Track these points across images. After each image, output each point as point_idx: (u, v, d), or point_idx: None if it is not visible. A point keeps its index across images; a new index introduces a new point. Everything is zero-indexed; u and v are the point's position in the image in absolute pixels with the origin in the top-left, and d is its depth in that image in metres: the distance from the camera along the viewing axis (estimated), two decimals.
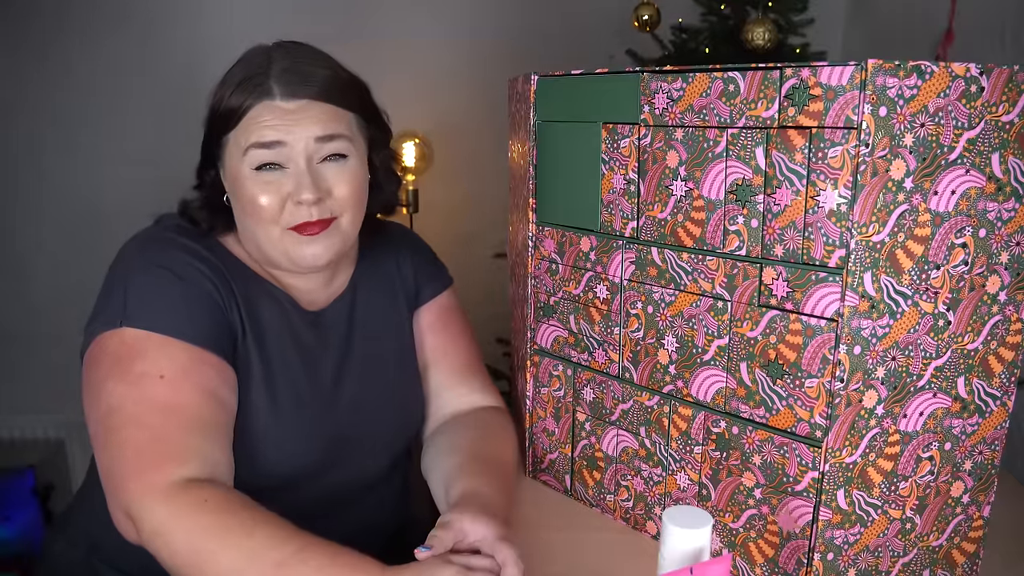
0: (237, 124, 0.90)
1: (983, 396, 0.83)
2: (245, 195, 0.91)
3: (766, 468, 0.83)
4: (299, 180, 0.90)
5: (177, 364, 0.85)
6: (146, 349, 0.85)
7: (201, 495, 0.78)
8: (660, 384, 0.93)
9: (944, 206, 0.75)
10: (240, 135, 0.90)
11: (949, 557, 0.88)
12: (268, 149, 0.89)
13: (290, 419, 0.93)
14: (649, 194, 0.90)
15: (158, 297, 0.87)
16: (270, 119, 0.89)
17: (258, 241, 0.94)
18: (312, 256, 0.93)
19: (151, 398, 0.83)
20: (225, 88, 0.92)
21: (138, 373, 0.84)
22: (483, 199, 2.86)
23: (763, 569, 0.86)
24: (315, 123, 0.91)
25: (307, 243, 0.92)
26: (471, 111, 2.82)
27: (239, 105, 0.90)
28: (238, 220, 0.96)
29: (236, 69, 0.93)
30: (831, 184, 0.73)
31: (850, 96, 0.70)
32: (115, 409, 0.83)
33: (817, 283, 0.76)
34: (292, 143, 0.90)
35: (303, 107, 0.91)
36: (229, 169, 0.93)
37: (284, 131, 0.89)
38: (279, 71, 0.91)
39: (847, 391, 0.76)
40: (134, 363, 0.84)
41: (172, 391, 0.83)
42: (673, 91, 0.85)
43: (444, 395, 1.10)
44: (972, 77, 0.73)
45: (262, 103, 0.90)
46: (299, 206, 0.91)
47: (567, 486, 1.10)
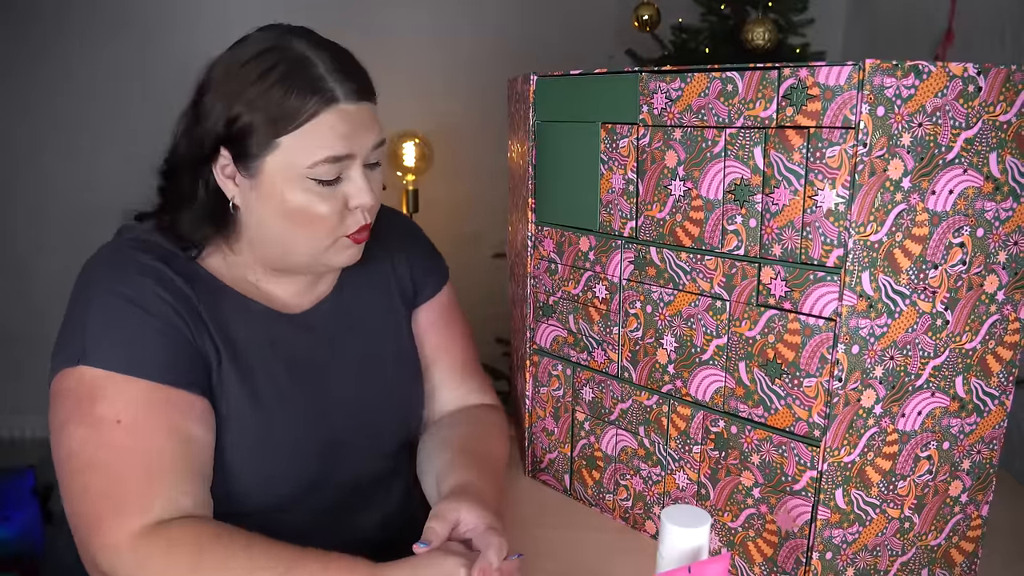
0: (295, 130, 0.83)
1: (981, 395, 0.83)
2: (295, 202, 0.85)
3: (765, 467, 0.83)
4: (358, 186, 0.87)
5: (136, 405, 0.81)
6: (104, 390, 0.81)
7: (168, 537, 0.76)
8: (659, 384, 0.93)
9: (942, 206, 0.75)
10: (302, 143, 0.84)
11: (947, 556, 0.88)
12: (339, 163, 0.85)
13: (282, 429, 0.90)
14: (648, 194, 0.90)
15: (118, 332, 0.83)
16: (342, 128, 0.84)
17: (291, 249, 0.89)
18: (349, 260, 0.91)
19: (109, 443, 0.80)
20: (265, 77, 0.83)
21: (97, 416, 0.80)
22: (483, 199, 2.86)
23: (762, 568, 0.86)
24: (373, 129, 0.88)
25: (349, 248, 0.90)
26: (471, 111, 2.82)
27: (300, 109, 0.83)
28: (260, 228, 0.89)
29: (266, 54, 0.84)
30: (829, 184, 0.73)
31: (848, 96, 0.71)
32: (75, 453, 0.80)
33: (815, 283, 0.76)
34: (358, 153, 0.86)
35: (363, 110, 0.87)
36: (269, 174, 0.85)
37: (355, 143, 0.85)
38: (333, 68, 0.85)
39: (845, 390, 0.76)
40: (93, 405, 0.81)
41: (130, 435, 0.80)
42: (672, 91, 0.85)
43: (443, 394, 1.09)
44: (970, 77, 0.73)
45: (330, 109, 0.84)
46: (353, 212, 0.88)
47: (566, 485, 1.10)
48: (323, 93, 0.83)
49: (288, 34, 0.87)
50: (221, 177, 0.88)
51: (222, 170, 0.87)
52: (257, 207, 0.88)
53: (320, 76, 0.84)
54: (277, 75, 0.83)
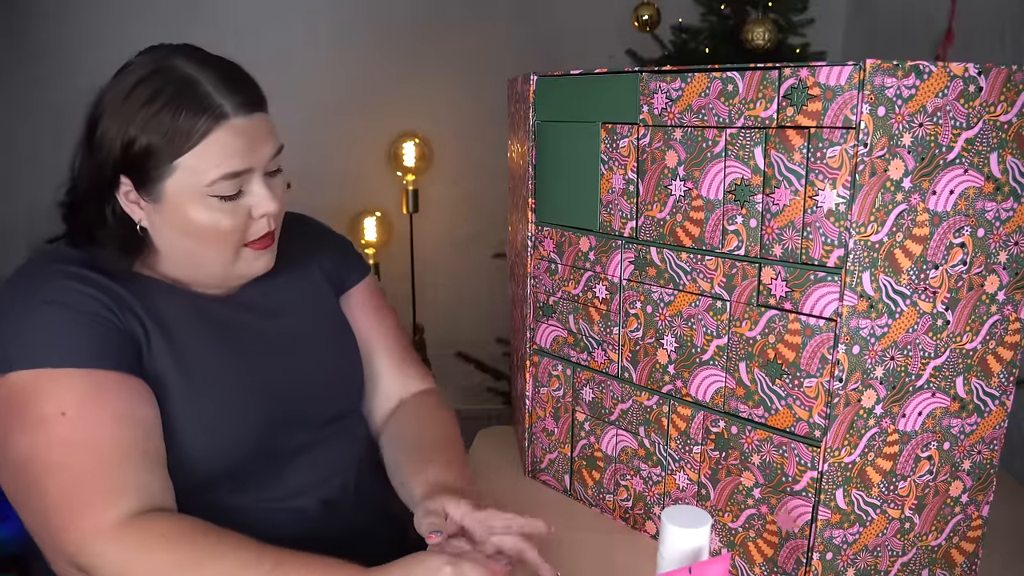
0: (189, 150, 0.84)
1: (982, 396, 0.83)
2: (199, 221, 0.87)
3: (765, 468, 0.83)
4: (260, 195, 0.89)
5: (77, 395, 0.79)
6: (40, 389, 0.79)
7: (153, 530, 0.76)
8: (659, 384, 0.93)
9: (942, 206, 0.75)
10: (198, 162, 0.84)
11: (948, 556, 0.88)
12: (238, 177, 0.86)
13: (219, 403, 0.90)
14: (648, 194, 0.90)
15: (43, 332, 0.81)
16: (236, 143, 0.85)
17: (199, 263, 0.91)
18: (261, 269, 0.94)
19: (60, 439, 0.78)
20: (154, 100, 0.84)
21: (37, 417, 0.78)
22: (483, 199, 2.86)
23: (762, 569, 0.86)
24: (269, 140, 0.89)
25: (257, 258, 0.92)
26: (471, 111, 2.82)
27: (191, 129, 0.83)
28: (170, 247, 0.90)
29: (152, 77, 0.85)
30: (830, 184, 0.73)
31: (848, 96, 0.71)
32: (27, 461, 0.78)
33: (816, 283, 0.76)
34: (256, 166, 0.88)
35: (256, 122, 0.87)
36: (170, 195, 0.86)
37: (252, 156, 0.87)
38: (219, 83, 0.85)
39: (846, 391, 0.76)
40: (30, 407, 0.79)
41: (79, 425, 0.78)
42: (672, 91, 0.85)
43: (386, 384, 1.11)
44: (970, 77, 0.73)
45: (222, 125, 0.84)
46: (256, 221, 0.90)
47: (566, 486, 1.10)
48: (212, 110, 0.84)
49: (171, 55, 0.88)
50: (126, 203, 0.88)
51: (125, 196, 0.88)
52: (164, 229, 0.89)
53: (207, 94, 0.84)
54: (165, 97, 0.84)
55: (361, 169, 2.87)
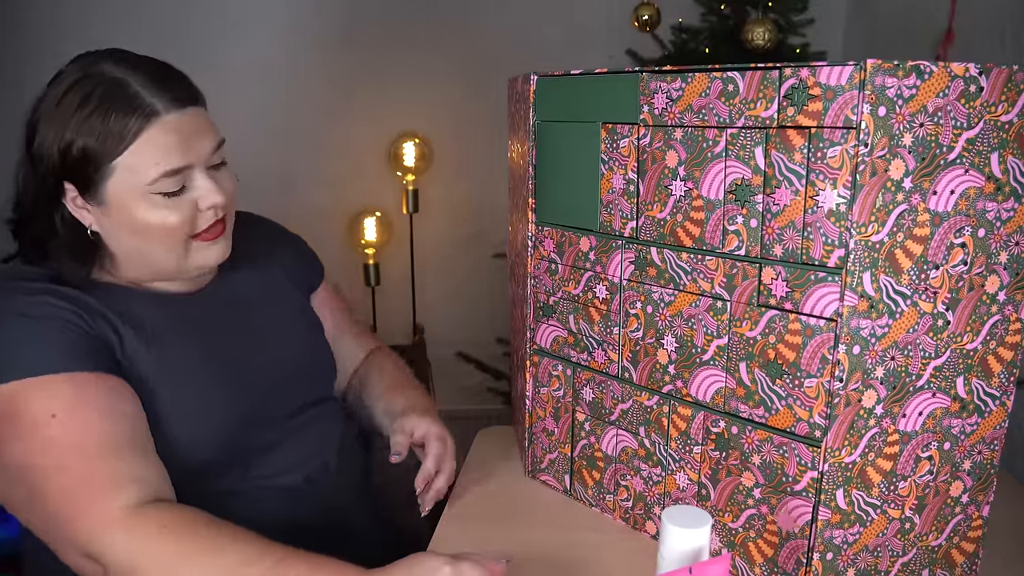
0: (125, 150, 0.85)
1: (982, 396, 0.83)
2: (146, 219, 0.88)
3: (765, 468, 0.83)
4: (205, 188, 0.90)
5: (64, 398, 0.81)
6: (27, 397, 0.81)
7: (159, 520, 0.77)
8: (659, 384, 0.93)
9: (943, 206, 0.75)
10: (135, 160, 0.86)
11: (948, 557, 0.88)
12: (178, 175, 0.88)
13: (198, 395, 0.92)
14: (648, 194, 0.90)
15: (17, 344, 0.83)
16: (171, 140, 0.87)
17: (152, 260, 0.92)
18: (216, 259, 0.95)
19: (55, 442, 0.79)
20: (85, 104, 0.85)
21: (29, 425, 0.80)
22: (483, 199, 2.86)
23: (762, 569, 0.86)
24: (208, 134, 0.91)
25: (209, 247, 0.94)
26: (471, 111, 2.82)
27: (123, 129, 0.85)
28: (121, 249, 0.92)
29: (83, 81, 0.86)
30: (830, 184, 0.73)
31: (849, 96, 0.70)
32: (25, 468, 0.80)
33: (816, 283, 0.76)
34: (196, 162, 0.89)
35: (191, 117, 0.89)
36: (114, 197, 0.87)
37: (189, 153, 0.88)
38: (148, 82, 0.87)
39: (846, 391, 0.76)
40: (21, 415, 0.80)
41: (72, 426, 0.80)
42: (672, 91, 0.85)
43: (351, 351, 1.24)
44: (971, 77, 0.73)
45: (154, 123, 0.86)
46: (203, 213, 0.92)
47: (567, 486, 1.10)
48: (142, 109, 0.85)
49: (98, 60, 0.89)
50: (74, 208, 0.89)
51: (72, 202, 0.89)
52: (113, 230, 0.90)
53: (136, 93, 0.86)
54: (95, 100, 0.85)
55: (361, 169, 2.87)
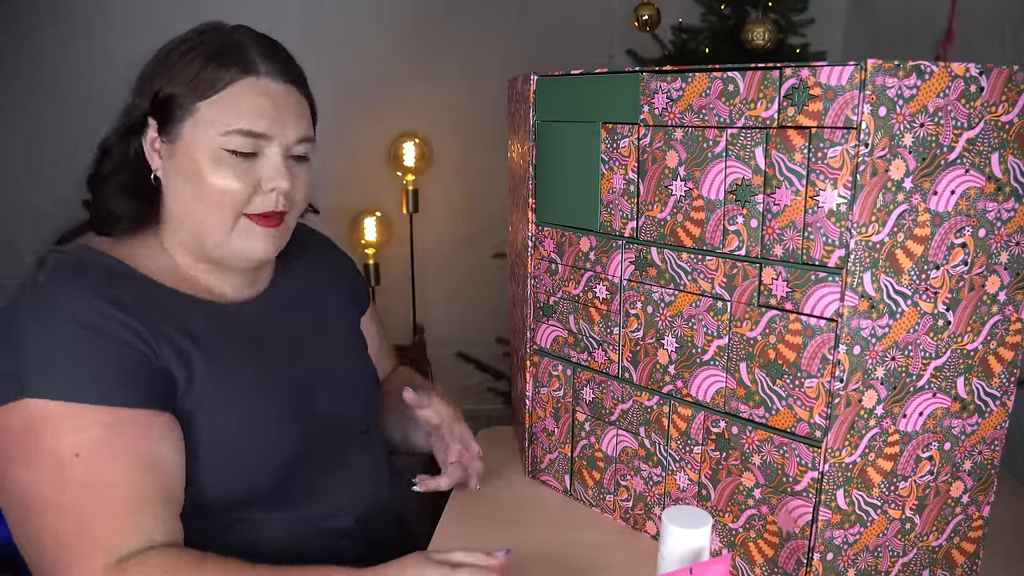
0: (213, 95, 0.84)
1: (983, 396, 0.83)
2: (208, 175, 0.85)
3: (766, 468, 0.83)
4: (274, 165, 0.87)
5: (93, 436, 0.75)
6: (55, 424, 0.74)
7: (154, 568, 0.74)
8: (660, 384, 0.93)
9: (944, 206, 0.75)
10: (218, 110, 0.84)
11: (949, 557, 0.88)
12: (255, 139, 0.85)
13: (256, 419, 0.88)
14: (649, 194, 0.90)
15: (62, 358, 0.76)
16: (260, 102, 0.85)
17: (202, 229, 0.88)
18: (262, 251, 0.90)
19: (68, 481, 0.74)
20: (192, 51, 0.85)
21: (49, 453, 0.74)
22: (483, 199, 2.86)
23: (763, 569, 0.86)
24: (299, 120, 0.88)
25: (261, 237, 0.89)
26: (471, 111, 2.82)
27: (218, 76, 0.84)
28: (176, 204, 0.88)
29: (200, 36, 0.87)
30: (831, 184, 0.73)
31: (849, 96, 0.70)
32: (29, 497, 0.74)
33: (817, 283, 0.76)
34: (277, 139, 0.86)
35: (288, 94, 0.88)
36: (187, 138, 0.85)
37: (274, 124, 0.86)
38: (260, 49, 0.87)
39: (847, 391, 0.76)
40: (42, 442, 0.74)
41: (92, 469, 0.74)
42: (672, 91, 0.85)
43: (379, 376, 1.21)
44: (972, 77, 0.73)
45: (248, 79, 0.85)
46: (267, 195, 0.87)
47: (567, 486, 1.10)
48: (243, 64, 0.85)
49: (224, 25, 0.90)
50: (149, 149, 0.88)
51: (151, 144, 0.88)
52: (175, 178, 0.87)
53: (245, 51, 0.86)
54: (203, 50, 0.85)
55: (361, 169, 2.87)
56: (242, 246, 0.89)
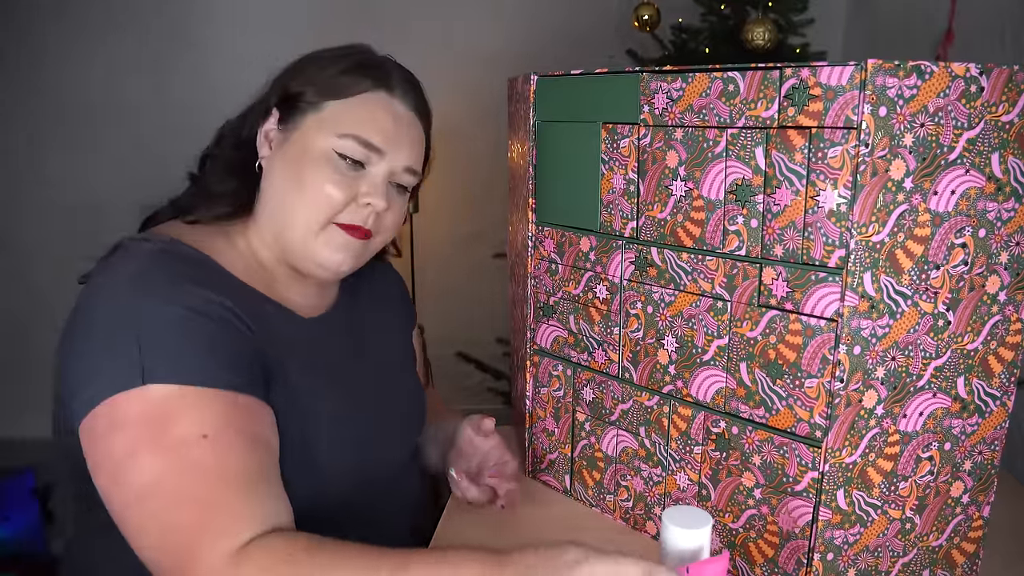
0: (343, 98, 0.88)
1: (983, 396, 0.83)
2: (312, 172, 0.86)
3: (766, 468, 0.83)
4: (375, 183, 0.88)
5: (219, 417, 0.75)
6: (181, 408, 0.74)
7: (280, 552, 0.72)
8: (660, 384, 0.93)
9: (944, 206, 0.75)
10: (342, 113, 0.88)
11: (949, 557, 0.88)
12: (367, 150, 0.87)
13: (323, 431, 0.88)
14: (649, 194, 0.90)
15: (181, 343, 0.76)
16: (383, 117, 0.89)
17: (290, 226, 0.88)
18: (338, 263, 0.89)
19: (197, 465, 0.73)
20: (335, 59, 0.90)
21: (177, 438, 0.73)
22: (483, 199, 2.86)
23: (763, 569, 0.86)
24: (413, 148, 0.92)
25: (342, 247, 0.89)
26: (471, 111, 2.82)
27: (352, 84, 0.88)
28: (273, 195, 0.89)
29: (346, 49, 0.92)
30: (831, 184, 0.73)
31: (850, 96, 0.70)
32: (154, 487, 0.73)
33: (817, 283, 0.76)
34: (388, 158, 0.89)
35: (411, 121, 0.92)
36: (303, 131, 0.88)
37: (389, 142, 0.88)
38: (401, 75, 0.92)
39: (847, 391, 0.76)
40: (169, 427, 0.73)
41: (219, 450, 0.74)
42: (673, 91, 0.85)
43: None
44: (972, 77, 0.73)
45: (380, 92, 0.89)
46: (361, 208, 0.88)
47: (567, 486, 1.10)
48: (380, 79, 0.89)
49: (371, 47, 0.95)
50: (263, 137, 0.91)
51: (266, 134, 0.91)
52: (278, 169, 0.89)
53: (385, 69, 0.91)
54: (345, 60, 0.90)
55: None
56: (322, 253, 0.89)
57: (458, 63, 2.82)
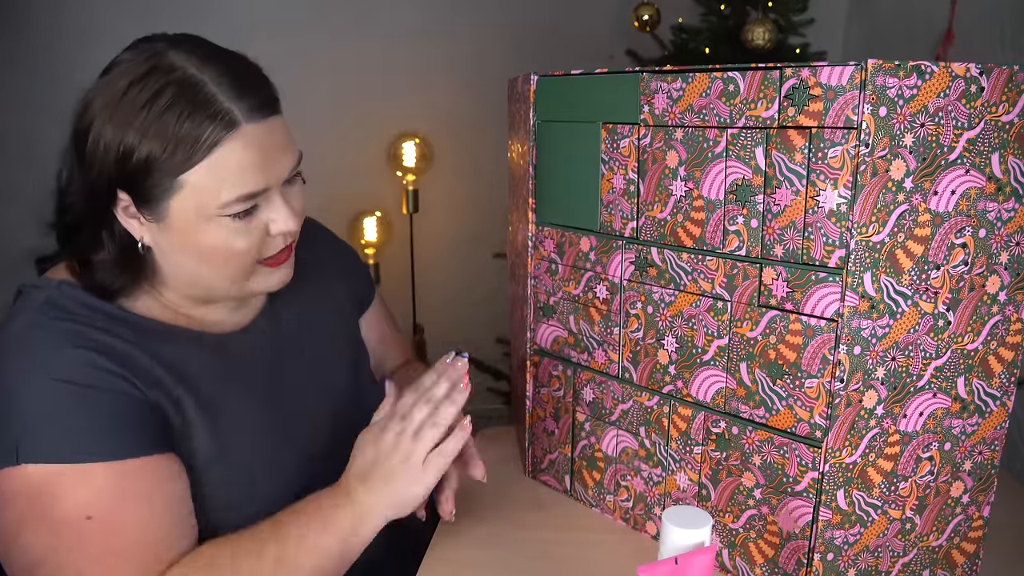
0: (195, 164, 0.74)
1: (983, 396, 0.83)
2: (210, 242, 0.78)
3: (766, 468, 0.83)
4: (279, 212, 0.81)
5: (104, 494, 0.72)
6: (61, 487, 0.70)
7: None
8: (660, 384, 0.93)
9: (944, 206, 0.75)
10: (206, 180, 0.75)
11: (949, 557, 0.88)
12: (253, 199, 0.78)
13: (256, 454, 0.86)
14: (649, 194, 0.90)
15: (56, 419, 0.72)
16: (250, 157, 0.76)
17: (206, 283, 0.83)
18: (277, 283, 0.86)
19: (82, 546, 0.71)
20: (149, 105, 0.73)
21: (59, 520, 0.71)
22: (483, 199, 2.86)
23: (763, 569, 0.86)
24: (288, 149, 0.80)
25: (272, 273, 0.85)
26: (471, 111, 2.82)
27: (196, 141, 0.73)
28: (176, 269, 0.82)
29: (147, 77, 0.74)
30: (831, 184, 0.73)
31: (850, 96, 0.70)
32: (43, 563, 0.71)
33: (817, 283, 0.76)
34: (274, 184, 0.80)
35: (271, 129, 0.78)
36: (176, 216, 0.77)
37: (269, 173, 0.78)
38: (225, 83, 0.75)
39: (847, 391, 0.76)
40: (52, 507, 0.70)
41: (106, 529, 0.72)
42: (673, 91, 0.85)
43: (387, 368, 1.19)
44: (972, 77, 0.73)
45: (232, 135, 0.75)
46: (274, 238, 0.82)
47: (567, 486, 1.10)
48: (220, 117, 0.74)
49: (167, 49, 0.76)
50: (124, 218, 0.79)
51: (124, 211, 0.79)
52: (169, 250, 0.81)
53: (212, 97, 0.74)
54: (165, 100, 0.73)
55: (361, 169, 2.87)
56: (257, 287, 0.86)
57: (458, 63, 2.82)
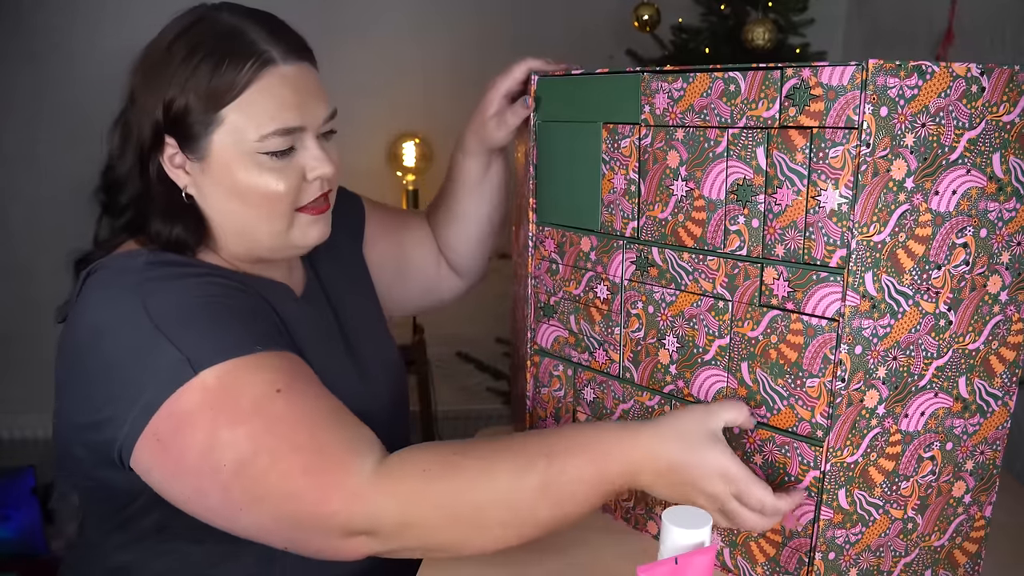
0: (235, 99, 0.79)
1: (984, 396, 0.83)
2: (249, 182, 0.82)
3: (767, 467, 0.83)
4: (315, 154, 0.84)
5: (284, 371, 0.75)
6: (241, 378, 0.73)
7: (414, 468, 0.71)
8: (661, 384, 0.93)
9: (945, 206, 0.75)
10: (246, 114, 0.80)
11: (951, 557, 0.88)
12: (290, 136, 0.82)
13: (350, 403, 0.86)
14: (650, 194, 0.90)
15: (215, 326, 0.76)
16: (286, 94, 0.81)
17: (257, 242, 0.87)
18: (317, 237, 0.89)
19: (284, 417, 0.72)
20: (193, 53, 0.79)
21: (251, 404, 0.72)
22: None
23: (764, 568, 0.86)
24: (322, 97, 0.86)
25: (313, 224, 0.88)
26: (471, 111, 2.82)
27: (235, 77, 0.78)
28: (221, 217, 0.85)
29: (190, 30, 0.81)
30: (832, 184, 0.73)
31: (851, 96, 0.70)
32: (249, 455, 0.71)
33: (818, 283, 0.76)
34: (309, 125, 0.84)
35: (305, 73, 0.84)
36: (217, 151, 0.81)
37: (304, 112, 0.83)
38: (263, 31, 0.82)
39: (848, 391, 0.76)
40: (239, 399, 0.72)
41: (296, 398, 0.73)
42: (674, 91, 0.85)
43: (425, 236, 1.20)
44: (973, 77, 0.73)
45: (269, 71, 0.80)
46: (311, 183, 0.86)
47: None
48: (257, 56, 0.79)
49: (210, 10, 0.84)
50: (170, 168, 0.83)
51: (170, 160, 0.83)
52: (211, 193, 0.84)
53: (251, 41, 0.80)
54: (205, 49, 0.79)
55: (361, 169, 2.87)
56: (300, 240, 0.88)
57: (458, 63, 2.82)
